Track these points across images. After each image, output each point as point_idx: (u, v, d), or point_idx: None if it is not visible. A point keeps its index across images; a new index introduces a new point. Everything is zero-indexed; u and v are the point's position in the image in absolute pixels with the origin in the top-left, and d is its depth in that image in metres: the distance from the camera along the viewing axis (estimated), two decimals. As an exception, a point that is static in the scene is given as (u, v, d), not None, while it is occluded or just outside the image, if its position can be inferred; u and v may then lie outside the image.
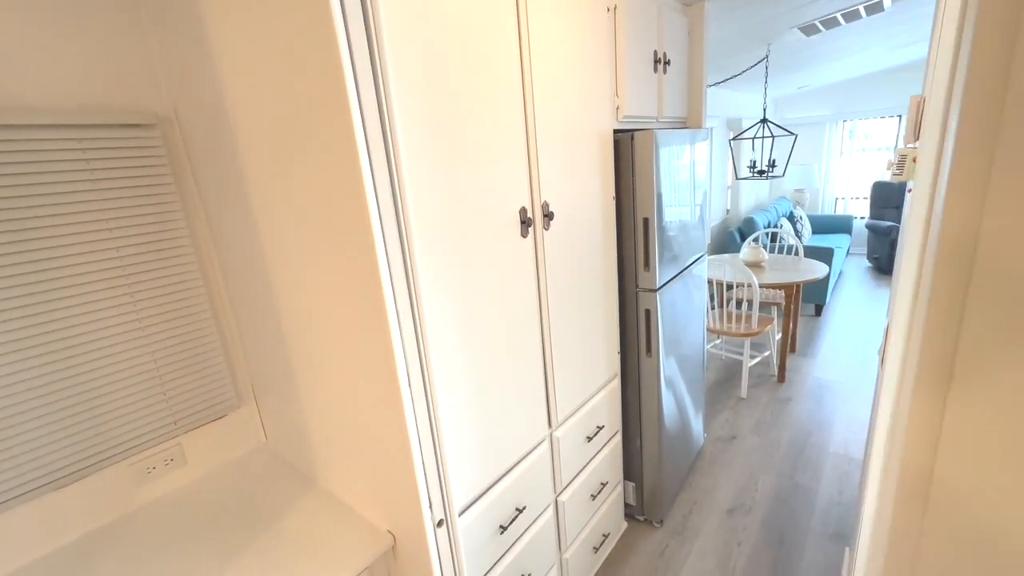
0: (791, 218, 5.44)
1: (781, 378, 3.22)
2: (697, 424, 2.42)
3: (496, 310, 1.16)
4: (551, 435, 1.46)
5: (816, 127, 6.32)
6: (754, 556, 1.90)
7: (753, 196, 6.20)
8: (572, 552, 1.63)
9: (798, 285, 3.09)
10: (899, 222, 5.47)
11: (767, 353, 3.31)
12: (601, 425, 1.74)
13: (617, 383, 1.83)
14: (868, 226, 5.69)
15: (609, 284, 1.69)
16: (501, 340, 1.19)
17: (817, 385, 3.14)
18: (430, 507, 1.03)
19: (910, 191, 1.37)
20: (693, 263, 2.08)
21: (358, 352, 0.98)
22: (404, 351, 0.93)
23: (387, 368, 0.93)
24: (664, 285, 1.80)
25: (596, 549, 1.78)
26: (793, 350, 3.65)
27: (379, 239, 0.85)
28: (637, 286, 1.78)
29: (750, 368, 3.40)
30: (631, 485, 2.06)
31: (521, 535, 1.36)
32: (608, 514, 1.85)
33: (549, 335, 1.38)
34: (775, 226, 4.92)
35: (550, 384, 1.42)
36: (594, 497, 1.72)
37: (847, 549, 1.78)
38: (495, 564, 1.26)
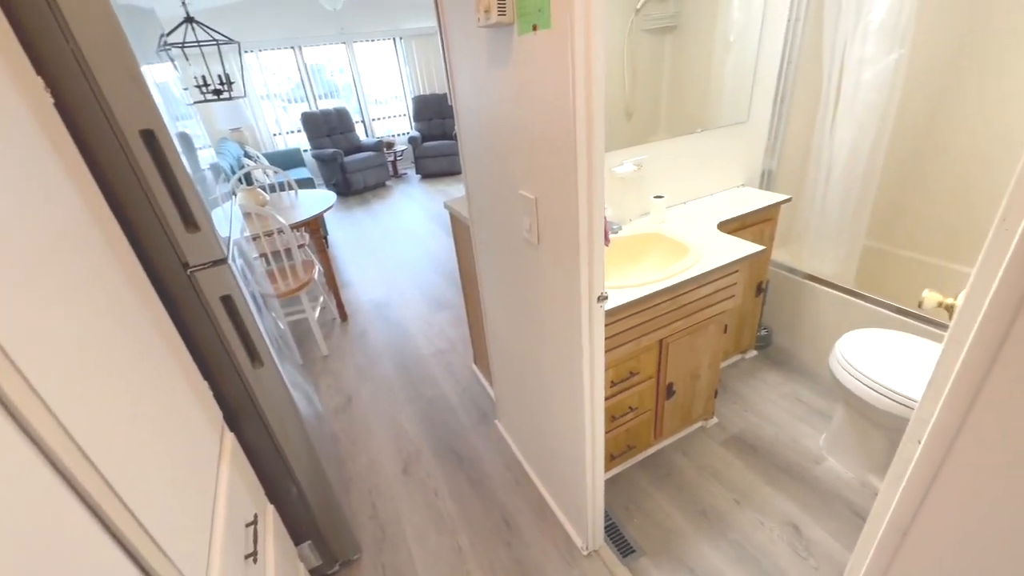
0: (248, 158, 4.93)
1: (344, 316, 3.04)
2: (317, 410, 1.90)
3: None
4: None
5: (225, 54, 5.72)
6: (454, 490, 1.78)
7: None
8: None
9: (318, 217, 2.83)
10: (334, 147, 6.05)
11: (321, 298, 3.00)
12: (249, 521, 0.98)
13: (231, 443, 1.05)
14: (315, 156, 6.01)
15: (127, 277, 0.82)
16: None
17: (374, 306, 3.18)
18: None
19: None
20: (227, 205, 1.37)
21: None
22: None
23: None
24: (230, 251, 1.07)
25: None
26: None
27: None
28: (187, 263, 0.97)
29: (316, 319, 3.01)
30: (309, 546, 1.40)
31: None
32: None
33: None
34: (242, 167, 4.31)
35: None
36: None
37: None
38: None
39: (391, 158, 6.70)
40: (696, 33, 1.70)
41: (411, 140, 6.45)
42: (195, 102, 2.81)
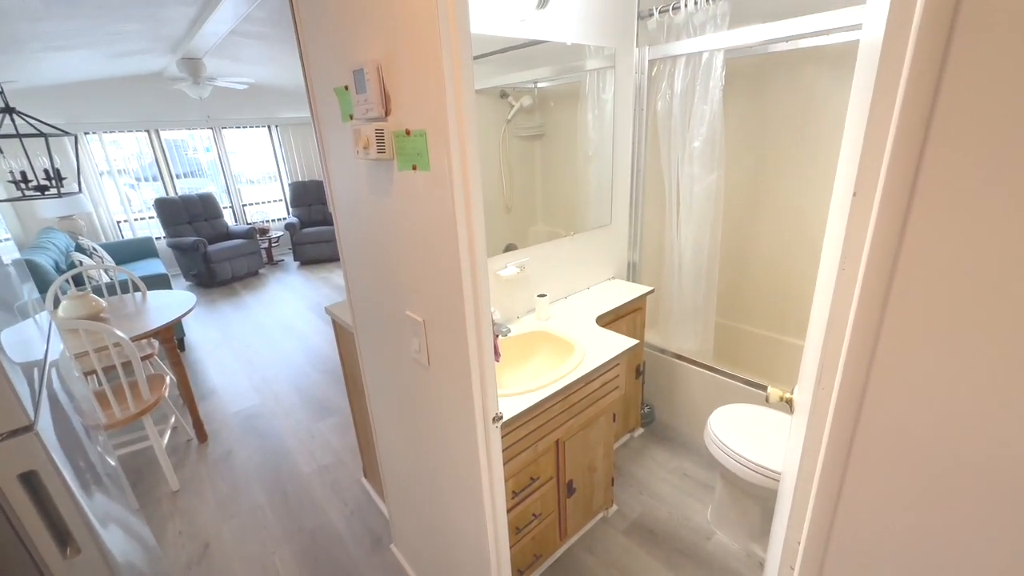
0: (81, 252, 4.22)
1: (202, 436, 2.59)
2: None
3: None
4: None
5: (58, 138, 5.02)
6: (343, 649, 1.51)
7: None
8: None
9: (172, 324, 2.46)
10: (196, 235, 5.51)
11: (172, 419, 2.54)
12: None
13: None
14: (172, 245, 5.38)
15: None
16: None
17: (242, 419, 2.78)
18: None
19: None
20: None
21: None
22: None
23: None
24: (39, 406, 0.86)
25: None
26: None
27: None
28: (-30, 441, 0.75)
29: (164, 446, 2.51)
30: None
31: None
32: None
33: None
34: (72, 265, 3.66)
35: None
36: None
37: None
38: None
39: (265, 245, 6.27)
40: (560, 142, 1.94)
41: (288, 226, 6.14)
42: (9, 199, 2.38)
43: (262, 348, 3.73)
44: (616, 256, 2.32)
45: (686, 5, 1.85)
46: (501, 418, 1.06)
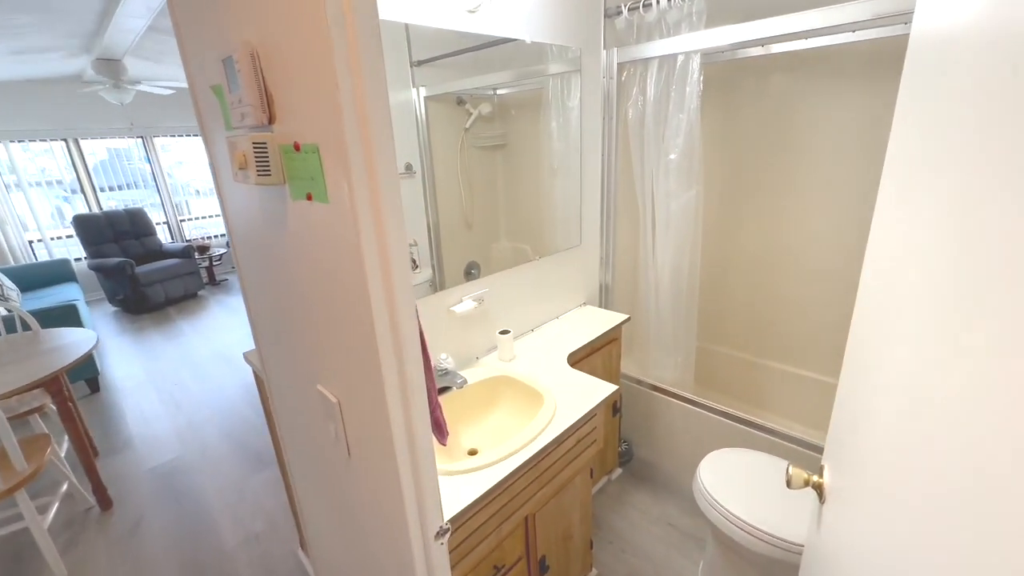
0: (-24, 279, 3.65)
1: (105, 503, 2.17)
2: None
3: None
4: None
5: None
6: None
7: None
8: None
9: (63, 371, 2.05)
10: (124, 255, 4.97)
11: (64, 487, 2.11)
12: None
13: None
14: (94, 267, 4.82)
15: None
16: None
17: (158, 477, 2.37)
18: None
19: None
20: None
21: None
22: None
23: None
24: None
25: None
26: (96, 454, 2.57)
27: None
28: None
29: (49, 526, 2.07)
30: None
31: None
32: None
33: None
34: (-45, 296, 3.12)
35: None
36: None
37: None
38: None
39: (205, 263, 5.75)
40: (524, 153, 1.71)
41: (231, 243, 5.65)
42: None
43: (193, 385, 3.29)
44: (587, 280, 2.09)
45: (658, 2, 1.65)
46: (447, 531, 0.79)
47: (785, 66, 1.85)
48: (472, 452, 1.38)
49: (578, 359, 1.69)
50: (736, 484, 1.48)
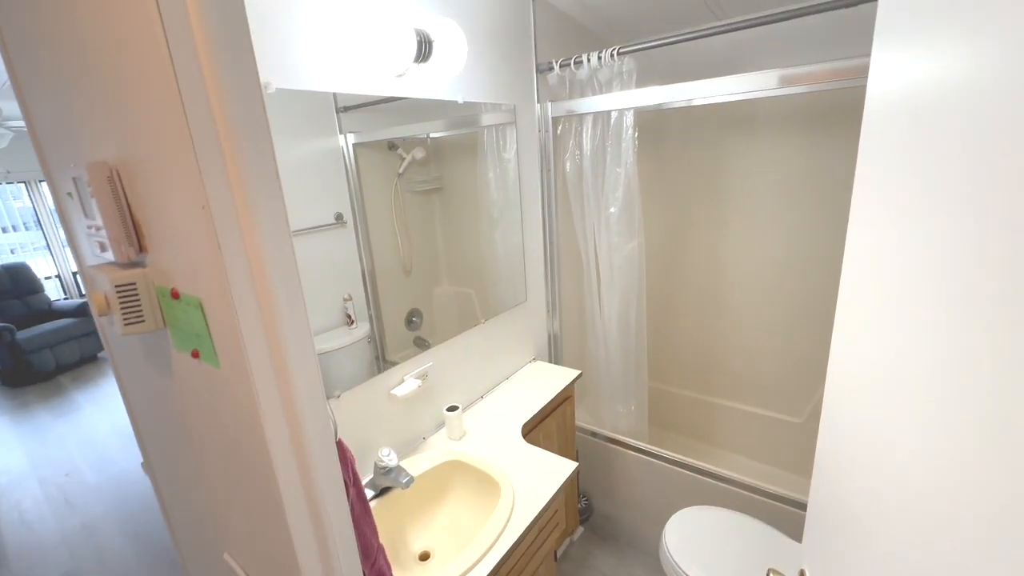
0: None
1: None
2: None
3: None
4: None
5: None
6: None
7: None
8: None
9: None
10: (1, 319, 4.30)
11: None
12: None
13: None
14: (-38, 335, 4.10)
15: None
16: None
17: (40, 604, 1.95)
18: None
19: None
20: None
21: None
22: None
23: None
24: None
25: None
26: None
27: None
28: None
29: None
30: None
31: None
32: None
33: None
34: None
35: None
36: None
37: None
38: None
39: (107, 320, 5.10)
40: (461, 196, 1.63)
41: (139, 296, 5.06)
42: None
43: (88, 474, 2.82)
44: (536, 334, 2.01)
45: (588, 60, 1.65)
46: None
47: (712, 113, 1.92)
48: (423, 556, 1.23)
49: (532, 426, 1.60)
50: (704, 549, 1.42)
